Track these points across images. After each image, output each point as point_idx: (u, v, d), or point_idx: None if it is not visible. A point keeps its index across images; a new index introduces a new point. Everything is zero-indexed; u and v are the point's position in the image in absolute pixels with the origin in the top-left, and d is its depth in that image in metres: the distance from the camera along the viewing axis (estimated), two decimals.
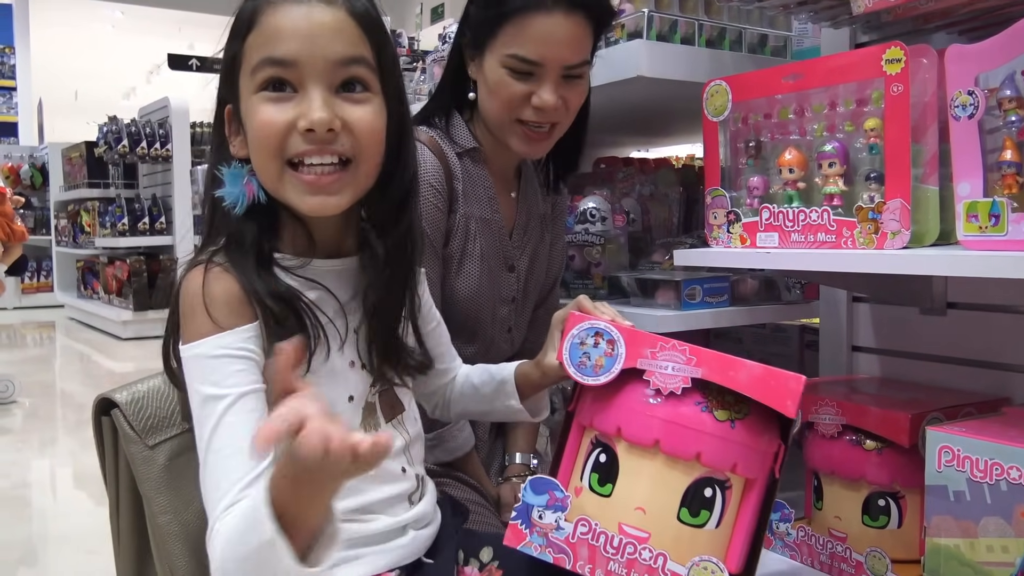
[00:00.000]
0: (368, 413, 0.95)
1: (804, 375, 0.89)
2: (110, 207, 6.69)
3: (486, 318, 1.37)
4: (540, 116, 1.28)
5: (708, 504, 0.90)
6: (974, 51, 0.93)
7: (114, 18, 11.96)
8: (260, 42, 0.85)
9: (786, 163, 1.13)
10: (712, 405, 0.91)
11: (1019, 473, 0.89)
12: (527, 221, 1.45)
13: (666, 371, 0.92)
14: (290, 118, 0.84)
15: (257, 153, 0.87)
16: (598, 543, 0.90)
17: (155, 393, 1.00)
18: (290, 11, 0.85)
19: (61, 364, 6.10)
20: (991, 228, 0.91)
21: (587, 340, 0.97)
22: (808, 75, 1.10)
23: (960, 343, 1.33)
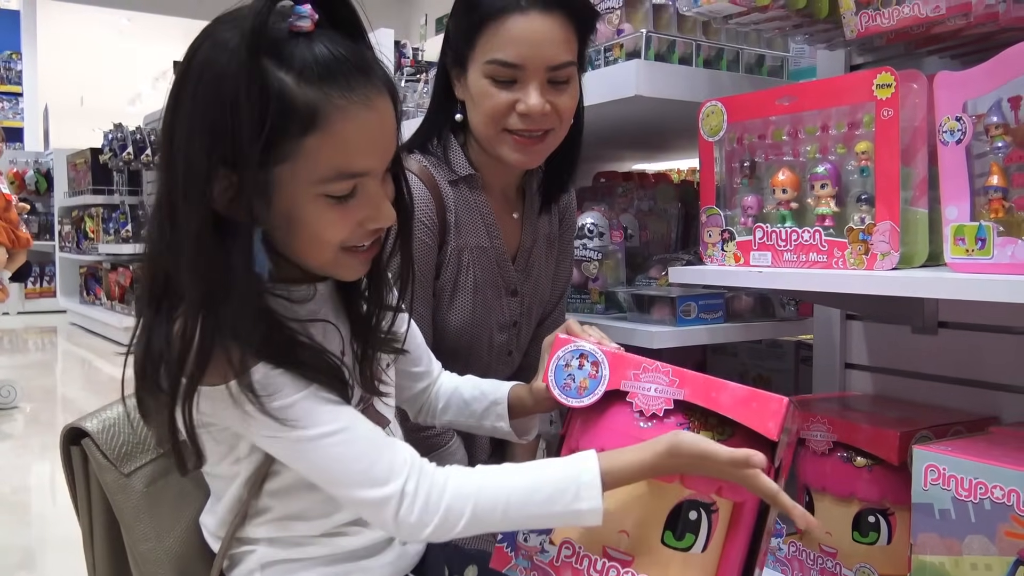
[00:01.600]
0: None
1: (794, 394, 0.90)
2: (114, 214, 6.72)
3: (481, 347, 1.35)
4: (528, 123, 1.24)
5: (693, 527, 0.90)
6: (962, 78, 0.95)
7: (121, 25, 12.02)
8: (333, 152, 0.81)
9: (779, 183, 1.15)
10: (695, 426, 0.91)
11: (1002, 492, 0.91)
12: (532, 243, 1.42)
13: (649, 392, 0.93)
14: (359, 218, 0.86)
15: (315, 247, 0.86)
16: (581, 567, 0.91)
17: (126, 419, 0.98)
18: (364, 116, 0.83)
19: (63, 369, 6.12)
20: (978, 251, 0.93)
21: (572, 362, 0.98)
22: (802, 98, 1.13)
23: (951, 362, 1.34)
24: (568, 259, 1.54)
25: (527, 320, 1.44)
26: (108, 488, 0.96)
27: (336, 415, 0.84)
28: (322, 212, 0.83)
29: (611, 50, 1.53)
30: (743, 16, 1.27)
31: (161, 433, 0.89)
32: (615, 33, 1.55)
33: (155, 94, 14.32)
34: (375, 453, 0.84)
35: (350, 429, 0.84)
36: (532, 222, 1.43)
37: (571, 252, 1.56)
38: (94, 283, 7.57)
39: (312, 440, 0.83)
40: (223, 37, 0.80)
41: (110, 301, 7.00)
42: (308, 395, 0.83)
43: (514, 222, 1.41)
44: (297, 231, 0.85)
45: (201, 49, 0.82)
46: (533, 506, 0.85)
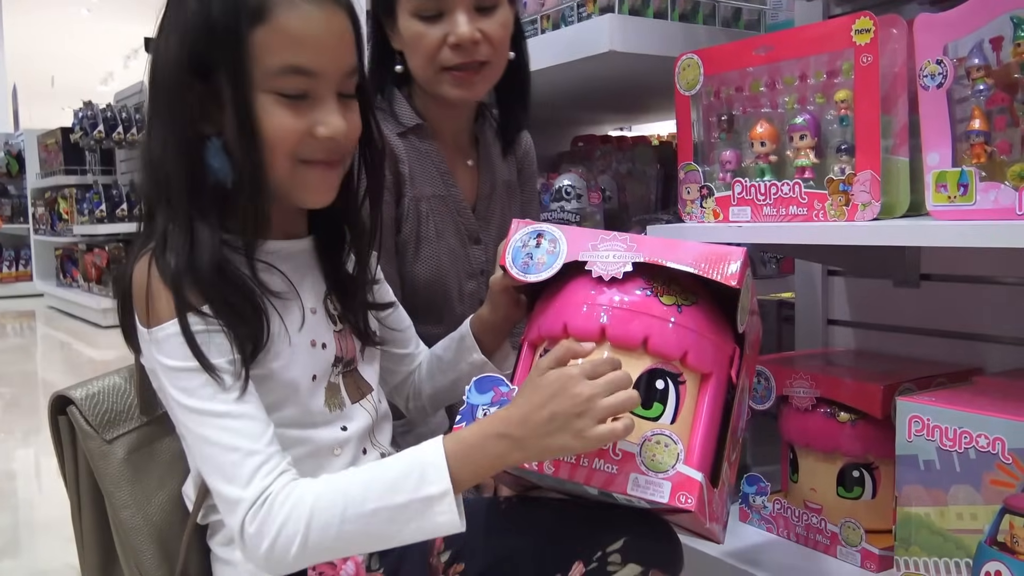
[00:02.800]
0: (331, 393, 0.95)
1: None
2: (87, 194, 6.62)
3: (452, 296, 1.35)
4: (462, 55, 1.22)
5: (661, 396, 0.87)
6: (942, 20, 0.92)
7: (90, 2, 11.78)
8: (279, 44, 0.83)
9: (758, 136, 1.12)
10: (657, 291, 0.89)
11: (987, 441, 0.90)
12: (491, 190, 1.41)
13: (608, 259, 0.91)
14: (307, 126, 0.86)
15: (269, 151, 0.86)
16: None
17: (111, 389, 0.99)
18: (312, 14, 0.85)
19: (42, 353, 6.06)
20: (960, 198, 0.91)
21: (529, 242, 0.96)
22: (779, 47, 1.10)
23: (934, 315, 1.33)
24: (533, 205, 1.52)
25: (495, 269, 1.41)
26: (91, 455, 0.96)
27: (228, 400, 0.83)
28: (273, 110, 0.84)
29: (584, 5, 1.49)
30: None
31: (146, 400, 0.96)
32: None
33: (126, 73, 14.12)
34: (248, 452, 0.81)
35: (235, 417, 0.82)
36: (489, 169, 1.41)
37: (536, 198, 1.53)
38: (71, 265, 7.48)
39: (194, 413, 0.83)
40: None
41: (87, 283, 6.92)
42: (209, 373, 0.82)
43: (469, 170, 1.40)
44: (253, 136, 0.85)
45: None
46: (373, 500, 0.79)
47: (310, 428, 0.93)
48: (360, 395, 0.99)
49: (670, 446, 0.84)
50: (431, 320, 1.27)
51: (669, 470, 0.84)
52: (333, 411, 0.95)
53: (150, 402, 0.98)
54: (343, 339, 0.98)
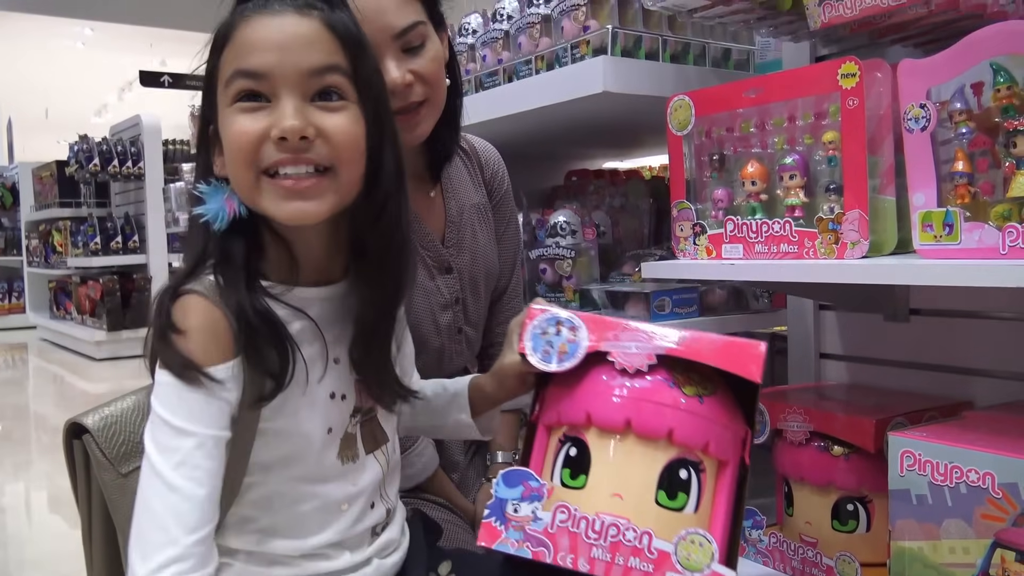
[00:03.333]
0: (346, 444, 0.93)
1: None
2: (82, 226, 6.63)
3: (428, 331, 1.33)
4: (398, 100, 1.17)
5: (684, 486, 0.88)
6: (925, 65, 0.95)
7: (84, 35, 11.85)
8: (234, 56, 0.85)
9: (748, 175, 1.15)
10: (679, 381, 0.90)
11: (977, 476, 0.91)
12: (459, 216, 1.39)
13: (630, 351, 0.92)
14: (263, 127, 0.83)
15: (232, 164, 0.86)
16: (579, 529, 0.86)
17: (127, 417, 0.97)
18: (264, 23, 0.84)
19: (34, 386, 6.03)
20: (945, 237, 0.94)
21: (548, 329, 0.96)
22: (768, 89, 1.13)
23: (923, 349, 1.35)
24: (511, 228, 1.51)
25: (473, 294, 1.41)
26: (105, 486, 0.95)
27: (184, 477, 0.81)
28: (233, 119, 0.84)
29: (577, 47, 1.52)
30: (708, 9, 1.27)
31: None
32: (581, 30, 1.54)
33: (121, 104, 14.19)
34: (172, 539, 0.79)
35: (182, 497, 0.81)
36: (454, 195, 1.40)
37: (513, 221, 1.52)
38: (64, 297, 7.46)
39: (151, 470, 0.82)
40: None
41: (81, 315, 6.90)
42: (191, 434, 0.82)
43: (432, 200, 1.38)
44: (226, 153, 0.86)
45: None
46: None
47: (320, 483, 0.91)
48: (375, 445, 0.97)
49: (704, 545, 0.85)
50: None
51: (704, 569, 0.84)
52: (346, 464, 0.93)
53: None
54: (364, 387, 0.96)
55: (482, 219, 1.45)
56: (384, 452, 0.98)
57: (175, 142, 7.48)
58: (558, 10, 1.60)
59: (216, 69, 0.86)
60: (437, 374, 1.30)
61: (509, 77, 1.71)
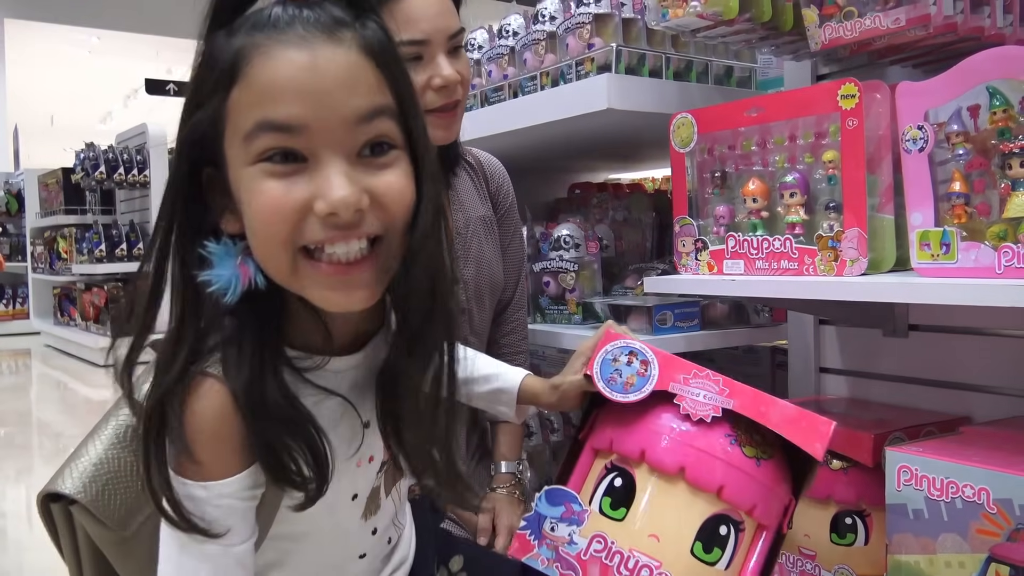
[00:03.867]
0: (371, 500, 0.85)
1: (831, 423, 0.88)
2: (87, 233, 6.66)
3: None
4: (445, 96, 1.24)
5: (722, 543, 0.88)
6: (923, 88, 0.98)
7: (90, 43, 11.93)
8: (252, 99, 0.66)
9: (750, 193, 1.17)
10: (741, 440, 0.90)
11: (973, 491, 0.93)
12: (466, 227, 1.43)
13: (698, 398, 0.91)
14: (303, 198, 0.66)
15: (263, 242, 0.68)
16: (612, 563, 0.87)
17: (118, 476, 0.80)
18: (289, 59, 0.66)
19: (37, 391, 6.04)
20: (942, 256, 0.96)
21: (620, 357, 0.96)
22: (769, 109, 1.15)
23: (922, 364, 1.37)
24: (516, 240, 1.54)
25: (478, 305, 1.44)
26: (108, 549, 0.81)
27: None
28: (261, 184, 0.66)
29: (582, 64, 1.55)
30: (710, 29, 1.29)
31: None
32: (586, 47, 1.57)
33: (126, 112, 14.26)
34: None
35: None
36: (461, 207, 1.44)
37: (518, 233, 1.55)
38: (68, 304, 7.48)
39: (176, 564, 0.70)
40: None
41: (85, 322, 6.92)
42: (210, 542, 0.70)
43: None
44: (249, 224, 0.69)
45: None
46: None
47: (341, 542, 0.84)
48: (393, 483, 0.89)
49: None
50: None
51: None
52: (368, 519, 0.85)
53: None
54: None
55: (488, 231, 1.47)
56: (399, 489, 0.90)
57: None
58: (563, 28, 1.63)
59: (223, 112, 0.68)
60: None
61: (514, 92, 1.74)
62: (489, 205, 1.50)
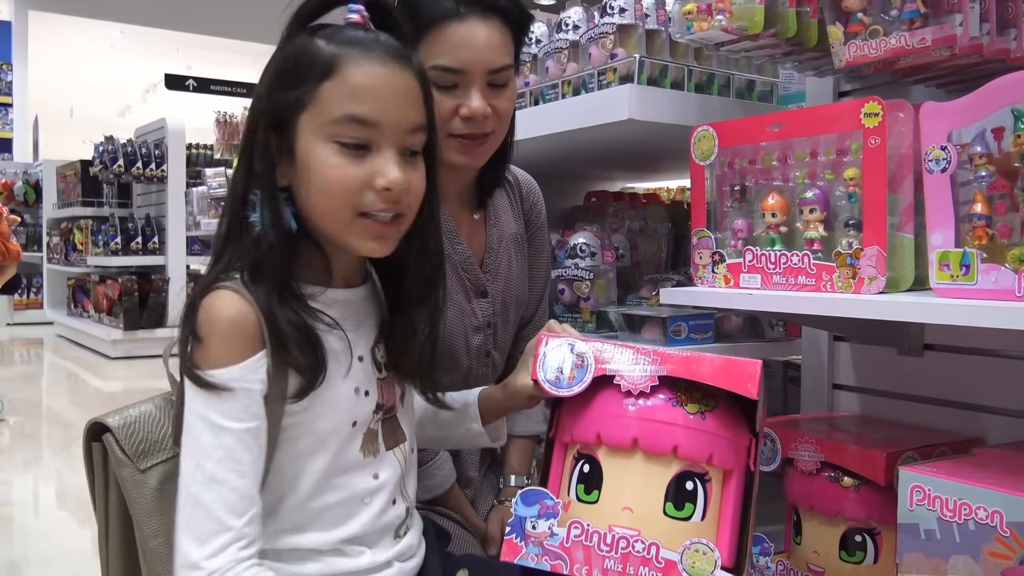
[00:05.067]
0: (368, 439, 0.98)
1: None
2: (103, 226, 6.71)
3: (459, 351, 1.37)
4: (471, 127, 1.26)
5: (691, 497, 0.94)
6: (947, 109, 0.98)
7: (112, 37, 12.03)
8: (342, 95, 0.89)
9: (769, 208, 1.17)
10: (682, 400, 0.96)
11: (986, 513, 0.92)
12: (499, 243, 1.44)
13: (634, 373, 0.98)
14: (366, 175, 0.90)
15: (328, 200, 0.91)
16: (592, 543, 0.93)
17: (147, 418, 1.02)
18: (374, 71, 0.90)
19: (49, 382, 6.08)
20: (962, 277, 0.95)
21: (559, 355, 1.02)
22: (791, 124, 1.15)
23: (936, 384, 1.36)
24: (543, 260, 1.54)
25: (503, 320, 1.45)
26: (124, 483, 0.98)
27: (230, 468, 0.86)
28: (331, 156, 0.90)
29: (604, 74, 1.55)
30: (734, 44, 1.30)
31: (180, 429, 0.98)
32: (609, 57, 1.57)
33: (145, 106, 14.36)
34: (226, 526, 0.85)
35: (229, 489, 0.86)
36: (496, 222, 1.45)
37: (546, 253, 1.56)
38: (82, 295, 7.54)
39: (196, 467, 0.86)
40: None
41: (98, 314, 6.97)
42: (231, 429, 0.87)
43: (476, 224, 1.43)
44: (313, 182, 0.91)
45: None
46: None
47: (343, 474, 0.96)
48: (395, 442, 1.02)
49: (708, 554, 0.91)
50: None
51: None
52: (367, 457, 0.98)
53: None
54: (386, 386, 1.01)
55: (518, 249, 1.48)
56: (402, 450, 1.03)
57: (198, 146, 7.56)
58: (586, 37, 1.64)
59: (310, 96, 0.90)
60: None
61: (535, 100, 1.74)
62: (522, 223, 1.51)
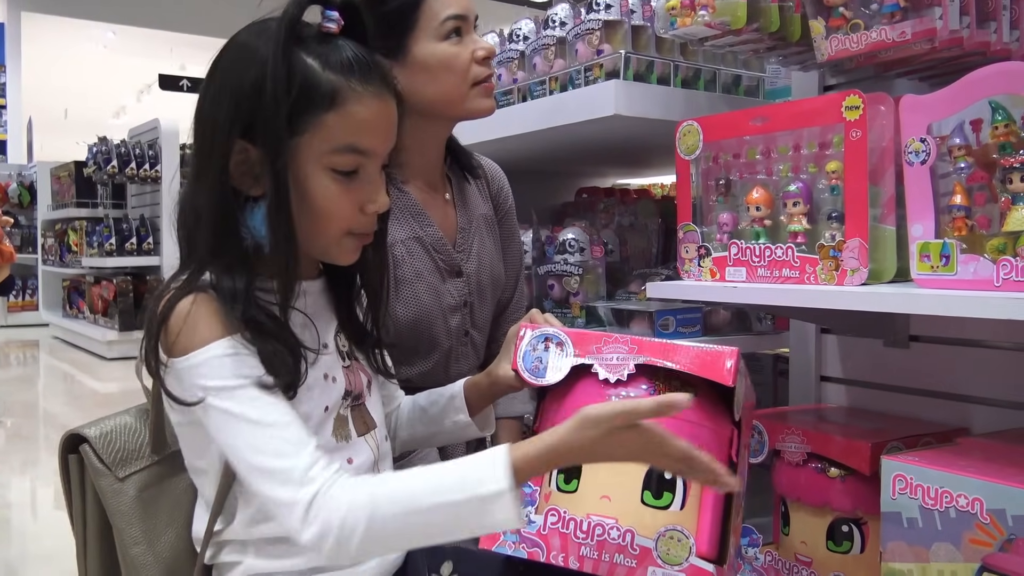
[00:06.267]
0: (339, 424, 0.99)
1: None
2: (98, 227, 6.71)
3: (439, 333, 1.38)
4: (488, 66, 1.35)
5: (670, 486, 0.95)
6: (926, 101, 0.99)
7: (106, 38, 12.00)
8: (347, 128, 0.92)
9: (753, 201, 1.18)
10: (659, 388, 0.97)
11: (967, 501, 0.94)
12: (469, 222, 1.47)
13: (611, 361, 0.98)
14: (358, 200, 0.94)
15: (320, 223, 0.94)
16: (568, 530, 0.94)
17: (124, 428, 1.03)
18: (376, 107, 0.93)
19: (45, 384, 6.08)
20: (942, 268, 0.96)
21: (538, 346, 1.04)
22: (774, 119, 1.16)
23: (922, 375, 1.38)
24: (515, 242, 1.57)
25: (480, 299, 1.46)
26: (102, 492, 0.99)
27: (277, 411, 0.87)
28: (328, 185, 0.93)
29: (591, 70, 1.56)
30: (718, 39, 1.31)
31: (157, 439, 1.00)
32: (595, 53, 1.58)
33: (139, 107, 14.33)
34: (298, 456, 0.85)
35: (284, 426, 0.86)
36: (464, 204, 1.47)
37: (516, 235, 1.58)
38: (77, 297, 7.53)
39: (245, 423, 0.86)
40: (262, 27, 0.93)
41: (93, 315, 6.96)
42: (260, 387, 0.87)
43: (446, 204, 1.45)
44: (307, 204, 0.93)
45: (240, 34, 0.95)
46: (431, 496, 0.83)
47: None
48: (366, 429, 1.03)
49: (683, 540, 0.92)
50: (419, 357, 1.32)
51: (683, 563, 0.92)
52: (340, 441, 0.99)
53: (162, 440, 1.02)
54: (352, 374, 1.03)
55: (489, 229, 1.50)
56: (374, 437, 1.04)
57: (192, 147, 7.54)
58: (573, 33, 1.64)
59: (312, 124, 0.90)
60: (443, 376, 1.34)
61: (523, 96, 1.75)
62: (490, 205, 1.53)
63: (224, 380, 0.87)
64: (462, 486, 0.83)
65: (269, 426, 0.86)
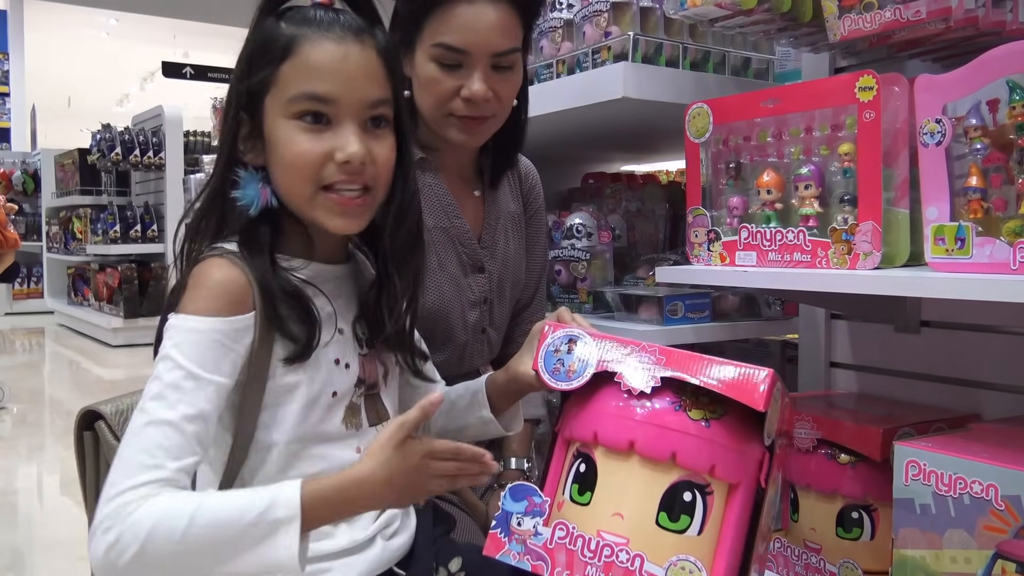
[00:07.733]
0: (351, 412, 0.99)
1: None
2: (102, 214, 6.71)
3: (455, 325, 1.37)
4: (471, 109, 1.27)
5: (688, 509, 0.88)
6: (942, 81, 0.97)
7: (109, 25, 11.97)
8: (300, 75, 0.91)
9: (764, 184, 1.16)
10: (685, 405, 0.91)
11: (981, 487, 0.92)
12: (497, 220, 1.45)
13: (637, 372, 0.93)
14: (326, 149, 0.92)
15: (291, 175, 0.94)
16: (575, 547, 0.89)
17: (134, 405, 1.00)
18: (330, 50, 0.92)
19: (50, 371, 6.10)
20: (957, 251, 0.95)
21: (561, 347, 0.98)
22: (785, 100, 1.14)
23: (933, 360, 1.36)
24: (541, 242, 1.54)
25: (499, 297, 1.45)
26: None
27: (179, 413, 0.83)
28: (293, 134, 0.92)
29: (599, 52, 1.54)
30: (728, 19, 1.29)
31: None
32: (603, 35, 1.56)
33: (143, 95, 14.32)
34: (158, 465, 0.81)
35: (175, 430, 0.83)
36: (494, 200, 1.45)
37: (543, 235, 1.56)
38: (82, 284, 7.54)
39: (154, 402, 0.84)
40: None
41: (98, 302, 6.98)
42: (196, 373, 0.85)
43: (476, 200, 1.43)
44: (278, 159, 0.93)
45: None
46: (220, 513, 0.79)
47: (323, 444, 0.96)
48: (378, 420, 1.02)
49: (694, 572, 0.86)
50: (433, 348, 1.31)
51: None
52: (349, 429, 0.98)
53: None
54: (368, 363, 1.02)
55: (516, 228, 1.49)
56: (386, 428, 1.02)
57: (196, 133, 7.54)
58: (580, 15, 1.62)
59: (272, 77, 0.92)
60: (456, 371, 1.33)
61: (531, 80, 1.73)
62: (520, 204, 1.52)
63: (180, 353, 0.86)
64: (250, 508, 0.80)
65: (168, 424, 0.83)
